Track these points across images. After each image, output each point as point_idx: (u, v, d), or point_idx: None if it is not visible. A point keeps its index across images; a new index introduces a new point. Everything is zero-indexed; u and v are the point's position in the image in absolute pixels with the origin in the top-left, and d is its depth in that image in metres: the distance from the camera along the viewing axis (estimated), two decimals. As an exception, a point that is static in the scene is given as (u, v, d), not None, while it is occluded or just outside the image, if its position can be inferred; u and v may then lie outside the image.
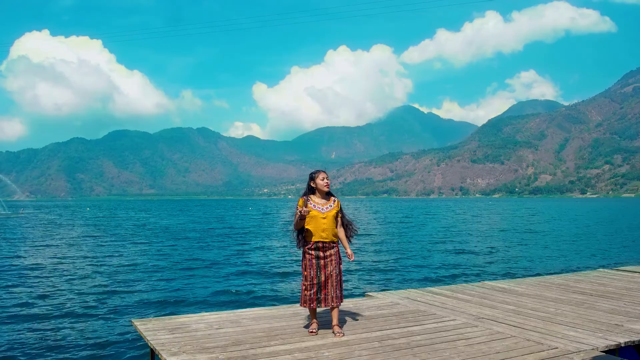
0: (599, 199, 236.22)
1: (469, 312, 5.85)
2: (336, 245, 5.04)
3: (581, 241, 24.64)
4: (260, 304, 9.62)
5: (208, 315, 5.78)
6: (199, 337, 4.79)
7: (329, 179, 5.06)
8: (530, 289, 7.28)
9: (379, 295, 6.90)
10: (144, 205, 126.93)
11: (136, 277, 13.46)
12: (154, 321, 5.39)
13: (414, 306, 6.19)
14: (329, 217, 4.95)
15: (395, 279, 13.31)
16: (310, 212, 4.92)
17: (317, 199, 5.02)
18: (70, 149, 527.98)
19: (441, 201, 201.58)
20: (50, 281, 12.88)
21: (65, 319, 8.99)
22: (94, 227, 36.61)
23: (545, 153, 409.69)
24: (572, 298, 6.61)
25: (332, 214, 4.97)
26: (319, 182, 5.01)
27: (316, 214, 4.93)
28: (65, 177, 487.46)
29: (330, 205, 5.02)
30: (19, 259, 17.61)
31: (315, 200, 5.01)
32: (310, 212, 4.92)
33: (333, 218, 4.98)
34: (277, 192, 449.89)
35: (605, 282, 7.80)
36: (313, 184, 5.05)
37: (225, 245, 22.63)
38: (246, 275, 13.98)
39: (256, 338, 4.75)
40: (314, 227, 4.93)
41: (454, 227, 35.52)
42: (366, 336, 4.85)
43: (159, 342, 4.60)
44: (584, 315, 5.64)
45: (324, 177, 5.04)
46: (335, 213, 5.00)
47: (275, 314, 5.76)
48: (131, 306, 10.03)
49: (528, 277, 9.75)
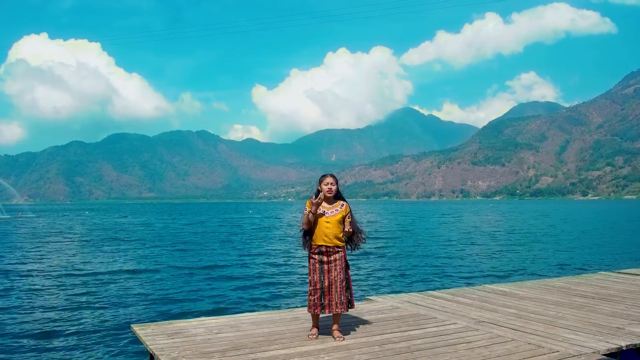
0: (600, 201, 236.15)
1: (469, 315, 5.84)
2: (342, 250, 4.97)
3: (582, 244, 24.62)
4: (260, 309, 9.62)
5: (207, 319, 5.77)
6: (198, 341, 4.78)
7: (335, 183, 4.99)
8: (531, 292, 7.27)
9: (379, 299, 6.89)
10: (143, 209, 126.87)
11: (135, 282, 13.46)
12: (153, 326, 5.38)
13: (414, 310, 6.18)
14: (333, 221, 4.91)
15: (396, 282, 13.31)
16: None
17: (323, 203, 4.99)
18: (69, 152, 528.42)
19: (442, 204, 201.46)
20: (49, 286, 12.87)
21: (64, 324, 8.98)
22: (92, 232, 36.58)
23: (546, 155, 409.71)
24: (573, 301, 6.60)
25: (337, 218, 4.92)
26: (322, 186, 4.98)
27: (321, 218, 4.93)
28: (64, 180, 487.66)
29: (337, 209, 4.97)
30: (17, 264, 17.60)
31: (322, 204, 4.99)
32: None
33: (337, 223, 4.92)
34: (277, 195, 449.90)
35: (606, 285, 7.79)
36: (319, 188, 5.03)
37: (225, 249, 22.62)
38: (246, 279, 13.97)
39: (256, 343, 4.74)
40: (317, 230, 4.92)
41: (454, 230, 35.50)
42: (366, 340, 4.84)
43: (158, 347, 4.60)
44: (585, 319, 5.63)
45: (329, 182, 4.98)
46: (340, 218, 4.93)
47: (274, 319, 5.75)
48: (130, 311, 10.03)
49: (529, 280, 9.73)
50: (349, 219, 5.01)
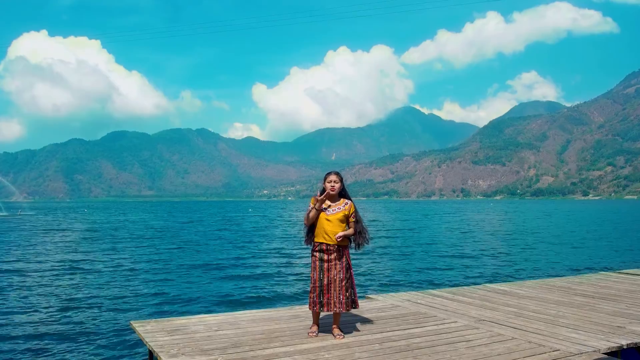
0: (601, 201, 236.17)
1: (470, 314, 5.85)
2: (344, 249, 4.95)
3: (583, 243, 24.63)
4: (260, 306, 9.62)
5: (207, 317, 5.77)
6: (197, 339, 4.79)
7: (338, 181, 4.95)
8: (532, 291, 7.27)
9: (379, 297, 6.90)
10: (142, 207, 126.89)
11: (134, 279, 13.46)
12: (152, 323, 5.39)
13: (414, 308, 6.18)
14: (334, 220, 4.88)
15: (396, 281, 13.31)
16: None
17: (327, 200, 4.98)
18: (68, 150, 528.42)
19: (442, 203, 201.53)
20: (48, 283, 12.87)
21: (62, 320, 8.99)
22: (91, 229, 36.60)
23: (547, 154, 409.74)
24: (573, 300, 6.61)
25: (338, 217, 4.89)
26: (325, 184, 4.97)
27: (322, 215, 4.91)
28: (64, 178, 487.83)
29: (339, 207, 4.94)
30: (15, 261, 17.61)
31: (326, 202, 4.98)
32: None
33: (339, 221, 4.88)
34: (277, 194, 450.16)
35: (607, 285, 7.79)
36: (324, 186, 5.02)
37: (225, 247, 22.62)
38: (246, 276, 13.97)
39: (255, 340, 4.75)
40: (318, 228, 4.91)
41: (454, 229, 35.51)
42: (366, 338, 4.84)
43: (158, 343, 4.60)
44: (585, 318, 5.64)
45: (332, 179, 4.94)
46: (342, 216, 4.90)
47: (274, 316, 5.76)
48: (130, 308, 10.03)
49: (529, 279, 9.74)
50: (353, 218, 4.96)
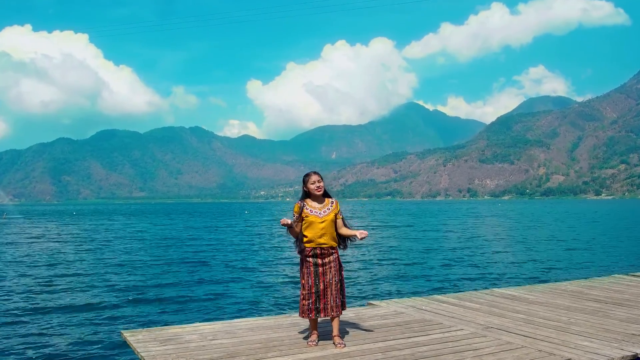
0: (614, 201, 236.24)
1: (477, 321, 5.85)
2: (336, 252, 5.01)
3: (595, 245, 24.63)
4: (257, 314, 9.62)
5: (201, 325, 5.77)
6: (192, 348, 4.78)
7: (322, 180, 5.01)
8: (541, 296, 7.27)
9: (382, 304, 6.90)
10: (132, 210, 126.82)
11: (126, 286, 13.44)
12: (144, 332, 5.39)
13: (419, 315, 6.18)
14: (327, 221, 4.93)
15: (399, 286, 13.30)
16: (308, 217, 4.92)
17: (313, 203, 5.00)
18: (55, 149, 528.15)
19: (448, 204, 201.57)
20: (36, 289, 12.86)
21: (51, 329, 8.98)
22: (81, 234, 36.58)
23: (558, 152, 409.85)
24: (585, 306, 6.61)
25: (330, 217, 4.95)
26: (310, 186, 4.98)
27: (314, 219, 4.91)
28: (51, 179, 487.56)
29: (328, 208, 4.99)
30: (4, 266, 17.60)
31: (312, 205, 4.99)
32: (308, 217, 4.92)
33: (331, 221, 4.96)
34: (275, 195, 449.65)
35: (620, 289, 7.79)
36: (306, 188, 5.03)
37: (220, 252, 22.62)
38: (242, 283, 13.97)
39: (252, 349, 4.75)
40: (312, 233, 4.91)
41: (460, 232, 35.51)
42: (369, 347, 4.84)
43: (150, 354, 4.60)
44: (598, 324, 5.64)
45: (315, 180, 4.97)
46: (333, 216, 4.98)
47: (272, 324, 5.75)
48: (120, 316, 10.02)
49: (539, 284, 9.75)
50: (340, 215, 5.05)
